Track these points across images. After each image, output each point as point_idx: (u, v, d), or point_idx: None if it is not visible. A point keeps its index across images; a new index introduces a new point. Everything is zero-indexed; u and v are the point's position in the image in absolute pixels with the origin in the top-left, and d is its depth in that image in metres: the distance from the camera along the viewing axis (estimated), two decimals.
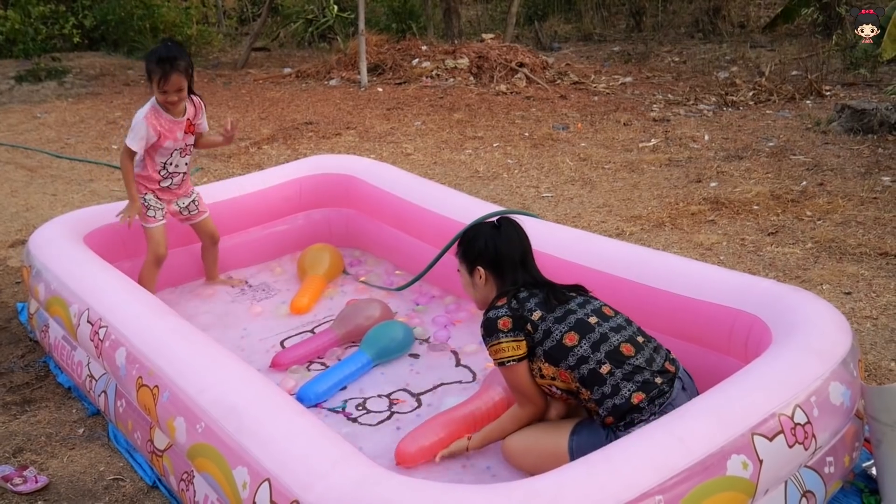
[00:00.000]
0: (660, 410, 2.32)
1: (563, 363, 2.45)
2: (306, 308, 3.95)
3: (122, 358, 2.82)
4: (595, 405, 2.43)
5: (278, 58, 12.72)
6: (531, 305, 2.52)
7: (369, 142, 7.29)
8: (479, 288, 2.68)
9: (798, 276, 4.05)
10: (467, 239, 2.71)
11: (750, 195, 5.21)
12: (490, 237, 2.66)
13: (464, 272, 2.73)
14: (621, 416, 2.37)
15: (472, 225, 2.78)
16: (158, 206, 3.81)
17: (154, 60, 3.54)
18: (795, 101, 7.63)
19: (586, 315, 2.50)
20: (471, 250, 2.68)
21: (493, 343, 2.53)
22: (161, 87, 3.54)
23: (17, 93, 10.58)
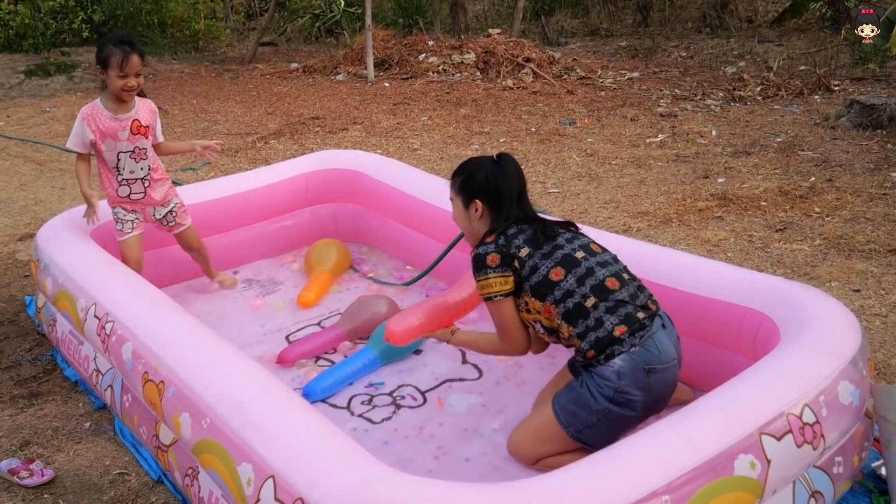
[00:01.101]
0: (640, 342, 2.40)
1: (549, 297, 2.49)
2: (313, 302, 3.95)
3: (128, 353, 2.82)
4: (577, 340, 2.47)
5: (285, 53, 12.72)
6: (519, 242, 2.55)
7: (376, 137, 7.28)
8: (472, 221, 2.69)
9: (806, 273, 4.02)
10: (468, 171, 2.69)
11: (758, 191, 5.19)
12: (492, 172, 2.65)
13: (458, 204, 2.72)
14: (602, 348, 2.43)
15: (472, 159, 2.77)
16: (128, 219, 3.68)
17: (112, 44, 3.41)
18: (804, 96, 7.59)
19: (573, 250, 2.54)
20: (470, 183, 2.67)
21: (481, 278, 2.56)
22: (122, 69, 3.38)
23: (27, 87, 10.62)
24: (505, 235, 2.57)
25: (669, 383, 2.46)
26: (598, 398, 2.41)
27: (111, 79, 3.43)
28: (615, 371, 2.39)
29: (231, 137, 7.60)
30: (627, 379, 2.38)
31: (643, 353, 2.39)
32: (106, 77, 3.45)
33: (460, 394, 3.12)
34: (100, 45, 3.47)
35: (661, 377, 2.41)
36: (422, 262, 4.09)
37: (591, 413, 2.44)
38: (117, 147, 3.54)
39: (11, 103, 9.98)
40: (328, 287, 4.09)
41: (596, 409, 2.42)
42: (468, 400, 3.07)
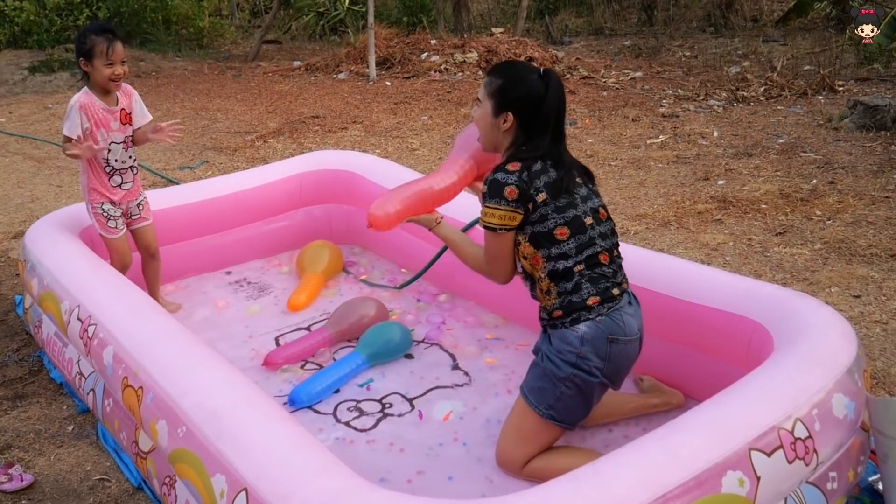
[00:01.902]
0: (607, 313, 2.42)
1: (544, 250, 2.45)
2: (304, 305, 3.89)
3: (109, 357, 2.77)
4: (551, 297, 2.47)
5: (289, 50, 12.68)
6: (540, 184, 2.42)
7: (375, 136, 7.22)
8: (496, 130, 2.52)
9: (806, 279, 3.95)
10: (509, 78, 2.48)
11: (758, 193, 5.11)
12: (535, 87, 2.45)
13: (487, 107, 2.51)
14: (570, 311, 2.43)
15: (514, 63, 2.61)
16: (117, 215, 3.59)
17: (94, 33, 3.34)
18: (807, 96, 7.50)
19: (584, 213, 2.47)
20: (509, 91, 2.46)
21: (491, 206, 2.44)
22: (109, 57, 3.32)
23: (30, 83, 10.61)
24: (529, 171, 2.42)
25: (630, 356, 2.50)
26: (560, 365, 2.42)
27: (97, 69, 3.37)
28: (579, 336, 2.41)
29: (230, 136, 7.56)
30: (589, 346, 2.40)
31: (608, 323, 2.42)
32: (91, 68, 3.39)
33: (449, 401, 3.05)
34: (80, 37, 3.40)
35: (622, 348, 2.44)
36: (415, 265, 4.04)
37: (556, 383, 2.43)
38: (110, 137, 3.49)
39: (14, 99, 9.97)
40: (319, 290, 4.04)
41: (560, 376, 2.42)
42: (457, 407, 3.00)
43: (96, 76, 3.40)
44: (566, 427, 2.51)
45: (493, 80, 2.50)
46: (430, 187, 2.80)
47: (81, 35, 3.40)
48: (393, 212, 2.74)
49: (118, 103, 3.51)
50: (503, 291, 3.55)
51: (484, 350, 3.40)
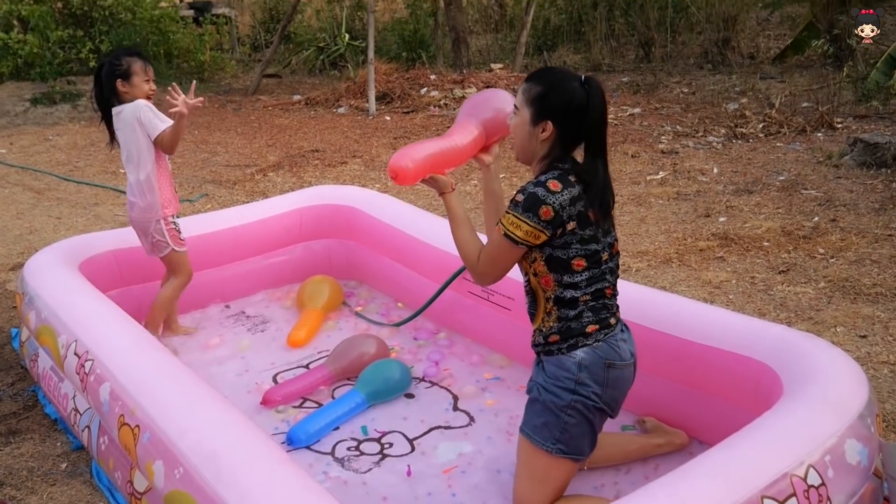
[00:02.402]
0: (604, 339, 2.38)
1: (556, 275, 2.38)
2: (303, 342, 3.85)
3: (105, 393, 2.72)
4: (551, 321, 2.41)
5: (289, 84, 12.74)
6: (573, 212, 2.30)
7: (375, 171, 7.22)
8: (534, 140, 2.37)
9: (811, 318, 3.92)
10: (549, 84, 2.33)
11: (760, 231, 5.10)
12: (576, 95, 2.30)
13: (524, 115, 2.36)
14: (568, 337, 2.38)
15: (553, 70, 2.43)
16: (182, 228, 3.78)
17: (126, 55, 3.54)
18: (806, 133, 7.52)
19: (603, 248, 2.40)
20: (550, 99, 2.32)
21: (520, 218, 2.28)
22: (146, 73, 3.53)
23: (32, 115, 10.65)
24: (571, 195, 2.29)
25: (627, 381, 2.46)
26: (559, 394, 2.37)
27: (137, 86, 3.53)
28: (576, 363, 2.37)
29: (230, 169, 7.56)
30: (587, 372, 2.36)
31: (605, 349, 2.38)
32: (129, 87, 3.53)
33: (450, 441, 3.00)
34: (112, 62, 3.54)
35: (619, 373, 2.40)
36: (415, 301, 4.01)
37: (558, 413, 2.37)
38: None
39: (16, 131, 10.00)
40: (319, 326, 4.00)
41: (561, 405, 2.36)
42: (459, 448, 2.95)
43: (136, 93, 3.54)
44: (578, 459, 2.44)
45: (532, 86, 2.36)
46: (452, 145, 2.56)
47: (114, 60, 3.53)
48: (419, 162, 2.46)
49: None
50: (503, 329, 3.54)
51: (484, 391, 3.36)
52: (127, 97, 3.54)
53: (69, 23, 12.29)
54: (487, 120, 2.58)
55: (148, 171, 3.58)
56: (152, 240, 3.69)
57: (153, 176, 3.59)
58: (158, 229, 3.66)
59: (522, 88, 2.38)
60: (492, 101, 2.52)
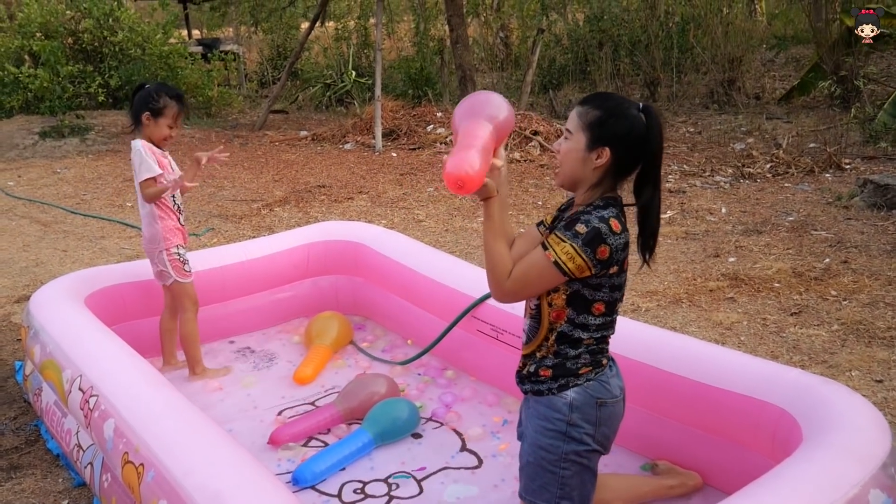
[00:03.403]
0: (594, 378, 2.30)
1: (572, 312, 2.26)
2: (310, 379, 3.81)
3: (110, 430, 2.68)
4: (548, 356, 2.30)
5: (296, 120, 12.82)
6: (621, 257, 2.20)
7: (381, 207, 7.22)
8: (586, 165, 2.23)
9: (825, 361, 3.86)
10: (608, 110, 2.22)
11: (770, 272, 5.06)
12: (637, 124, 2.20)
13: (579, 140, 2.23)
14: (559, 376, 2.29)
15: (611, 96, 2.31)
16: (188, 259, 3.79)
17: (170, 96, 3.60)
18: (814, 174, 7.51)
19: (621, 297, 2.34)
20: (609, 125, 2.20)
21: (577, 249, 2.14)
22: (176, 122, 3.62)
23: (40, 148, 10.72)
24: (625, 239, 2.20)
25: (617, 416, 2.36)
26: (552, 446, 2.27)
27: (159, 126, 3.59)
28: (567, 403, 2.27)
29: (236, 204, 7.56)
30: (578, 413, 2.27)
31: (595, 387, 2.29)
32: (153, 124, 3.59)
33: (458, 484, 2.94)
34: (152, 94, 3.59)
35: (610, 410, 2.31)
36: (422, 338, 3.96)
37: (553, 471, 2.28)
38: (170, 178, 3.67)
39: (24, 163, 10.05)
40: (326, 362, 3.95)
41: (554, 459, 2.27)
42: (466, 491, 2.89)
43: (155, 133, 3.61)
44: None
45: (589, 110, 2.24)
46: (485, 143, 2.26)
47: (155, 92, 3.59)
48: (479, 166, 2.15)
49: (167, 153, 3.75)
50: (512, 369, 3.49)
51: (493, 433, 3.30)
52: (146, 131, 3.60)
53: (79, 58, 12.44)
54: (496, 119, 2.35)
55: (147, 205, 3.67)
56: (157, 269, 3.75)
57: (154, 209, 3.67)
58: (161, 260, 3.71)
59: (578, 112, 2.25)
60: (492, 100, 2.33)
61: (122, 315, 3.91)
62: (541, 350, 2.32)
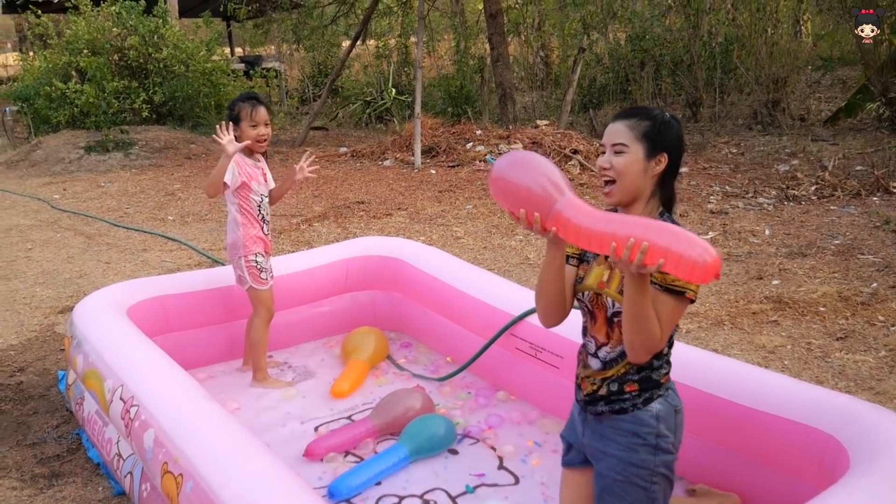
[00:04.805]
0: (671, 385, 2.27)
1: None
2: (347, 393, 3.81)
3: (150, 440, 2.70)
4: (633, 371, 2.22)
5: (335, 137, 12.93)
6: None
7: (419, 223, 7.23)
8: (646, 175, 2.21)
9: (871, 388, 3.77)
10: (658, 119, 2.24)
11: (815, 295, 4.96)
12: (679, 128, 2.25)
13: (637, 151, 2.21)
14: (645, 389, 2.23)
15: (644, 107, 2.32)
16: (268, 268, 3.87)
17: (240, 100, 3.76)
18: (861, 197, 7.36)
19: None
20: (665, 132, 2.22)
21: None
22: (253, 118, 3.71)
23: (85, 162, 10.94)
24: None
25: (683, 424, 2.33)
26: (643, 462, 2.20)
27: (244, 131, 3.73)
28: (653, 415, 2.22)
29: (276, 218, 7.62)
30: (663, 423, 2.23)
31: (671, 395, 2.27)
32: (239, 132, 3.73)
33: (494, 501, 2.91)
34: (229, 107, 3.79)
35: (682, 417, 2.29)
36: (460, 356, 3.95)
37: (647, 487, 2.21)
38: (258, 190, 3.83)
39: (70, 177, 10.27)
40: (363, 378, 3.95)
41: (647, 475, 2.20)
42: None
43: (244, 138, 3.73)
44: None
45: (638, 121, 2.24)
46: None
47: (231, 105, 3.79)
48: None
49: (261, 163, 3.89)
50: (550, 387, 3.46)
51: (530, 451, 3.26)
52: (240, 140, 3.73)
53: (125, 74, 12.68)
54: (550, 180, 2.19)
55: (232, 211, 3.81)
56: (237, 273, 3.88)
57: (238, 217, 3.80)
58: (240, 265, 3.84)
59: (628, 125, 2.24)
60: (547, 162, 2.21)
61: (164, 326, 3.95)
62: (625, 367, 2.25)
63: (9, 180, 10.31)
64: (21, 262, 6.44)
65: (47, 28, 13.23)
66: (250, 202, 3.80)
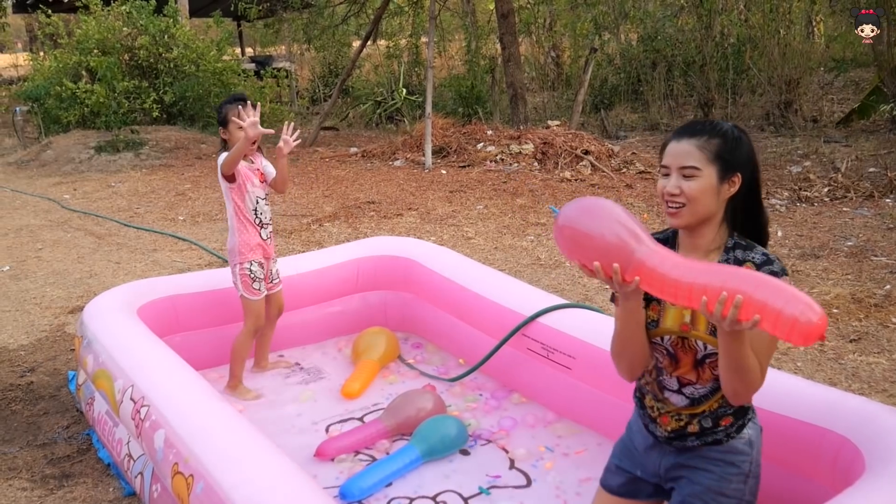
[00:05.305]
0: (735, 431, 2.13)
1: None
2: (357, 394, 3.80)
3: (160, 440, 2.69)
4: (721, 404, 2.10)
5: (346, 137, 12.93)
6: None
7: (430, 224, 7.22)
8: (717, 200, 2.05)
9: (885, 390, 3.73)
10: (730, 136, 2.06)
11: (828, 297, 4.92)
12: (750, 144, 2.08)
13: (709, 173, 2.03)
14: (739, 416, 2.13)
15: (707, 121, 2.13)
16: (261, 277, 3.80)
17: (227, 102, 3.71)
18: (874, 198, 7.30)
19: None
20: (734, 148, 2.04)
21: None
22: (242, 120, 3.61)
23: (96, 162, 10.96)
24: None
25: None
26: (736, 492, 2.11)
27: (233, 133, 3.67)
28: (747, 442, 2.13)
29: (287, 219, 7.63)
30: (756, 448, 2.15)
31: (755, 415, 2.19)
32: (228, 135, 3.70)
33: (506, 502, 2.90)
34: (217, 110, 3.76)
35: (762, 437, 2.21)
36: (471, 356, 3.93)
37: None
38: (254, 192, 3.75)
39: (80, 177, 10.30)
40: (374, 378, 3.94)
41: (736, 502, 2.12)
42: None
43: (233, 140, 3.66)
44: None
45: (707, 140, 2.06)
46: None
47: (218, 108, 3.75)
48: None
49: (255, 163, 3.82)
50: (562, 388, 3.44)
51: (542, 454, 3.25)
52: (230, 144, 3.69)
53: (135, 74, 12.72)
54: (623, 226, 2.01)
55: (230, 216, 3.78)
56: (232, 279, 3.84)
57: (234, 222, 3.76)
58: (234, 272, 3.80)
59: (697, 144, 2.05)
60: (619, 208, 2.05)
61: (174, 326, 3.95)
62: (716, 403, 2.14)
63: (19, 180, 10.35)
64: (31, 262, 6.45)
65: (57, 28, 13.28)
66: (246, 204, 3.73)
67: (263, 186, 3.82)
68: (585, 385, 3.33)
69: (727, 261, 2.08)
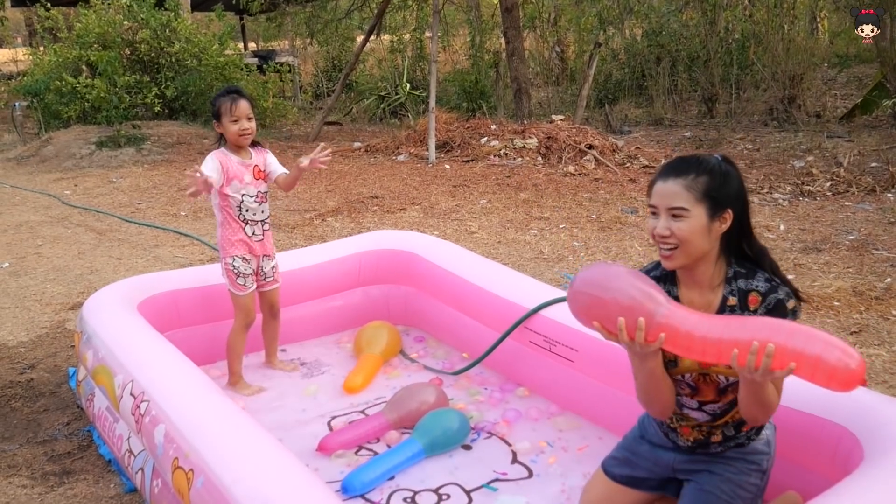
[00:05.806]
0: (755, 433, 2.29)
1: None
2: (360, 388, 3.79)
3: (160, 435, 2.69)
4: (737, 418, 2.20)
5: (349, 132, 12.92)
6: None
7: (433, 218, 7.21)
8: (711, 237, 2.06)
9: (885, 382, 3.73)
10: (717, 172, 2.06)
11: (830, 290, 4.91)
12: (738, 177, 2.08)
13: (699, 213, 2.03)
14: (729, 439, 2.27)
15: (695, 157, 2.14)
16: (247, 273, 3.73)
17: (220, 95, 3.65)
18: (876, 193, 7.29)
19: None
20: (726, 187, 2.04)
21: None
22: (233, 113, 3.57)
23: (97, 157, 10.94)
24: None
25: None
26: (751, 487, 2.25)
27: (226, 126, 3.61)
28: (765, 441, 2.27)
29: (289, 213, 7.63)
30: (772, 447, 2.29)
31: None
32: (222, 128, 3.64)
33: (508, 495, 2.89)
34: (210, 104, 3.70)
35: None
36: (473, 350, 3.93)
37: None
38: (242, 189, 3.67)
39: (81, 173, 10.28)
40: (376, 372, 3.94)
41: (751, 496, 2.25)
42: (515, 501, 2.84)
43: (227, 133, 3.63)
44: None
45: (694, 179, 2.05)
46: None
47: (212, 101, 3.69)
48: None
49: (252, 159, 3.73)
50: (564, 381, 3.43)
51: (545, 447, 3.24)
52: (223, 136, 3.68)
53: (136, 68, 12.66)
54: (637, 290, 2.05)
55: (215, 211, 3.75)
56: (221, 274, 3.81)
57: (218, 217, 3.73)
58: (222, 267, 3.77)
59: (684, 185, 2.05)
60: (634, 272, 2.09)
61: (175, 322, 3.94)
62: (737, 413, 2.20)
63: (19, 176, 10.35)
64: (31, 259, 6.45)
65: (57, 22, 13.22)
66: (229, 202, 3.67)
67: (258, 183, 3.73)
68: (588, 378, 3.32)
69: (731, 293, 2.10)
